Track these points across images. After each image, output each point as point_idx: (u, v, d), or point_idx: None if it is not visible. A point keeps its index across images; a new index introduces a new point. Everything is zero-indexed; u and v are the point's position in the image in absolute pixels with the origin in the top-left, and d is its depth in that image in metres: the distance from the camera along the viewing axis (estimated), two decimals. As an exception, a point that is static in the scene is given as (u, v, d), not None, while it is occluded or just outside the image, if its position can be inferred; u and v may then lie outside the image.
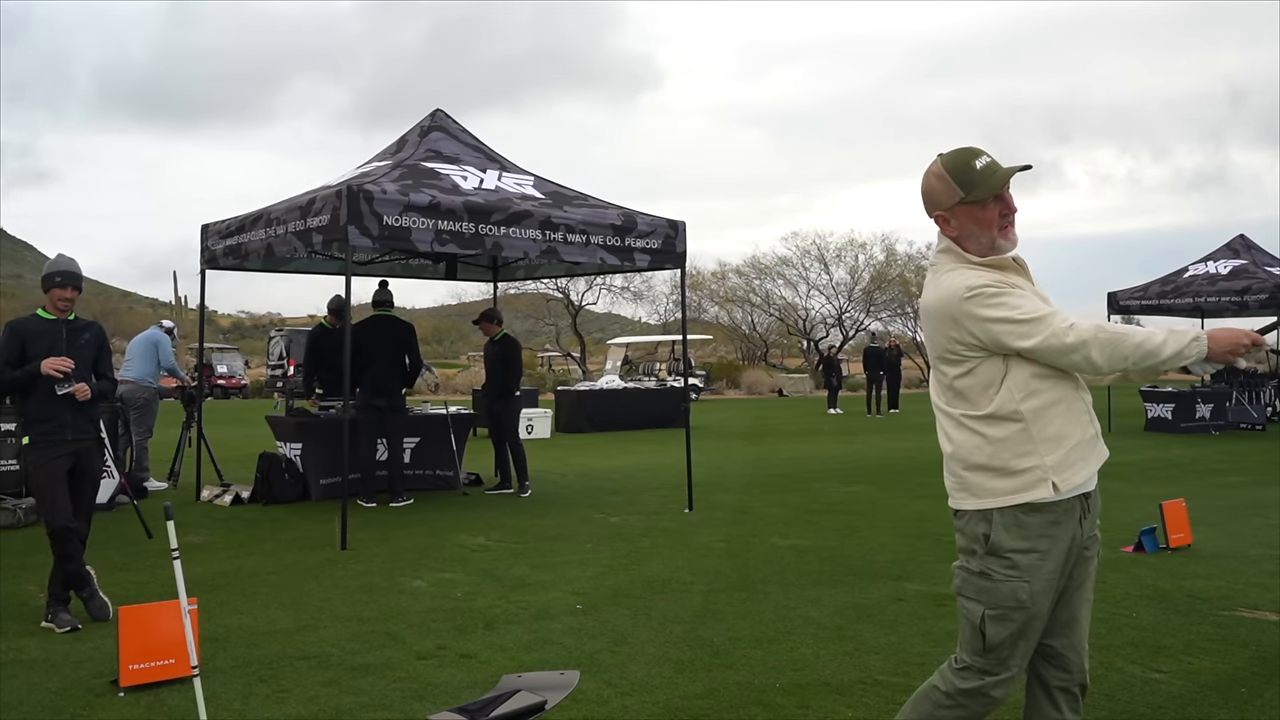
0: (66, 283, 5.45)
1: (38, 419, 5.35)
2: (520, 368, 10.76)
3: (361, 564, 6.93)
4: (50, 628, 5.25)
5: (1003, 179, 2.76)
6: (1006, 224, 2.82)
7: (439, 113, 9.97)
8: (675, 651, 4.85)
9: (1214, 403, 18.56)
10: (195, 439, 10.61)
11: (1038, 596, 2.71)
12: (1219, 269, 18.68)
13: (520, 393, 10.80)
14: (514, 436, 10.53)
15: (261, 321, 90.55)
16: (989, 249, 2.81)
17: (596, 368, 37.42)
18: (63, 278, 5.45)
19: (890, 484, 11.12)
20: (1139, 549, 7.16)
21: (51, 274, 5.47)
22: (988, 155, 2.79)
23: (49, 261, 5.60)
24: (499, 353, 10.56)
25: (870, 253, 50.99)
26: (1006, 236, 2.82)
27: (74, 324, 5.52)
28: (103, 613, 5.39)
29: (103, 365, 5.64)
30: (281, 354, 34.46)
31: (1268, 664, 4.66)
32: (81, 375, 5.39)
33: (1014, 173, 2.78)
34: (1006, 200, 2.80)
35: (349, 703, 4.19)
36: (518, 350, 10.76)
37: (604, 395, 21.21)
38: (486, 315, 10.71)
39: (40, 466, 5.34)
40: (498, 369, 10.52)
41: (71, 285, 5.47)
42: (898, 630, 5.24)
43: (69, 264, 5.53)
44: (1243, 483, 11.15)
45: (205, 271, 10.08)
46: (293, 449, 10.00)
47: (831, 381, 25.93)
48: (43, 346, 5.36)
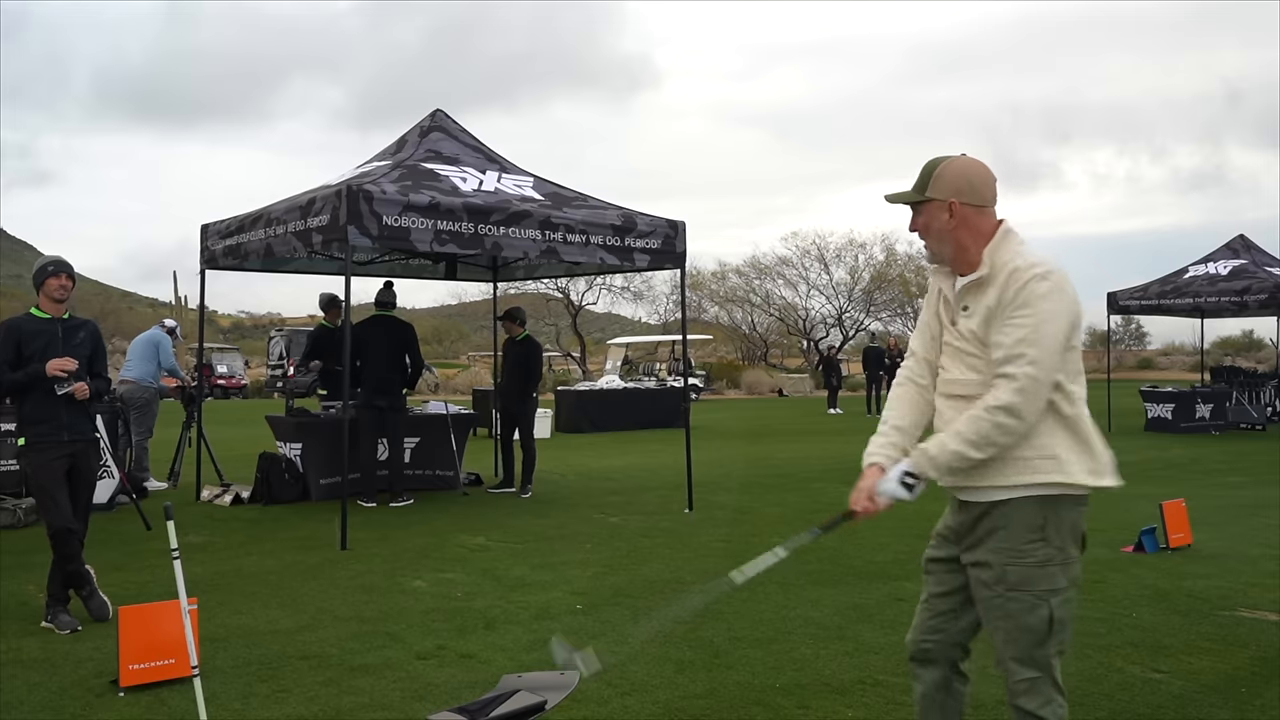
0: (61, 270, 5.42)
1: (35, 420, 5.33)
2: (539, 370, 10.76)
3: (361, 564, 6.93)
4: (50, 628, 5.25)
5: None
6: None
7: (439, 113, 9.97)
8: (675, 651, 4.85)
9: (1214, 403, 18.57)
10: (195, 439, 10.61)
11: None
12: (1219, 269, 18.66)
13: (536, 395, 10.82)
14: (529, 437, 10.56)
15: (261, 321, 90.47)
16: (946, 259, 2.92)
17: (596, 368, 37.41)
18: (56, 266, 5.42)
19: (890, 484, 11.09)
20: (1139, 549, 7.16)
21: (45, 265, 5.45)
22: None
23: (38, 260, 5.59)
24: (520, 353, 10.55)
25: (870, 253, 51.09)
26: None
27: (69, 322, 5.48)
28: (102, 612, 5.39)
29: (98, 364, 5.61)
30: (281, 354, 34.48)
31: (1268, 664, 4.66)
32: (78, 374, 5.37)
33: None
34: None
35: (349, 703, 4.19)
36: (538, 352, 10.75)
37: (604, 395, 21.21)
38: (510, 314, 10.70)
39: (39, 468, 5.31)
40: (518, 370, 10.53)
41: (66, 273, 5.43)
42: (898, 630, 5.23)
43: (59, 257, 5.52)
44: (1243, 483, 11.15)
45: (205, 271, 10.08)
46: (293, 449, 10.00)
47: (831, 381, 25.94)
48: (39, 346, 5.33)
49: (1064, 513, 2.74)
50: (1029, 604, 2.73)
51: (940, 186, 2.83)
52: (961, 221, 2.81)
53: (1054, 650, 2.76)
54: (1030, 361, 2.64)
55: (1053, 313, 2.66)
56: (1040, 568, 2.72)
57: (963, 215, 2.81)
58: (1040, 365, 2.64)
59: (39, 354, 5.30)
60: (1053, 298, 2.67)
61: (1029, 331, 2.66)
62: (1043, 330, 2.65)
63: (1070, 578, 2.76)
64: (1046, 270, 2.69)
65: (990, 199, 2.84)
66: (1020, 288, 2.69)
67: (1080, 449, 2.75)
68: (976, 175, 2.84)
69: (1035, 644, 2.74)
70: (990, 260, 2.78)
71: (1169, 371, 53.73)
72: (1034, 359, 2.64)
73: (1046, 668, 2.75)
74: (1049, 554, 2.73)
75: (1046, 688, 2.75)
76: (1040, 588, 2.72)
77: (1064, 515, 2.74)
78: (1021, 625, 2.74)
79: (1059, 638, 2.76)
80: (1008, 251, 2.77)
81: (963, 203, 2.81)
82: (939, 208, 2.83)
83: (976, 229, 2.82)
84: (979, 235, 2.82)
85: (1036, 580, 2.72)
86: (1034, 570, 2.72)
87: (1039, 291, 2.67)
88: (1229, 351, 52.42)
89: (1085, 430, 2.76)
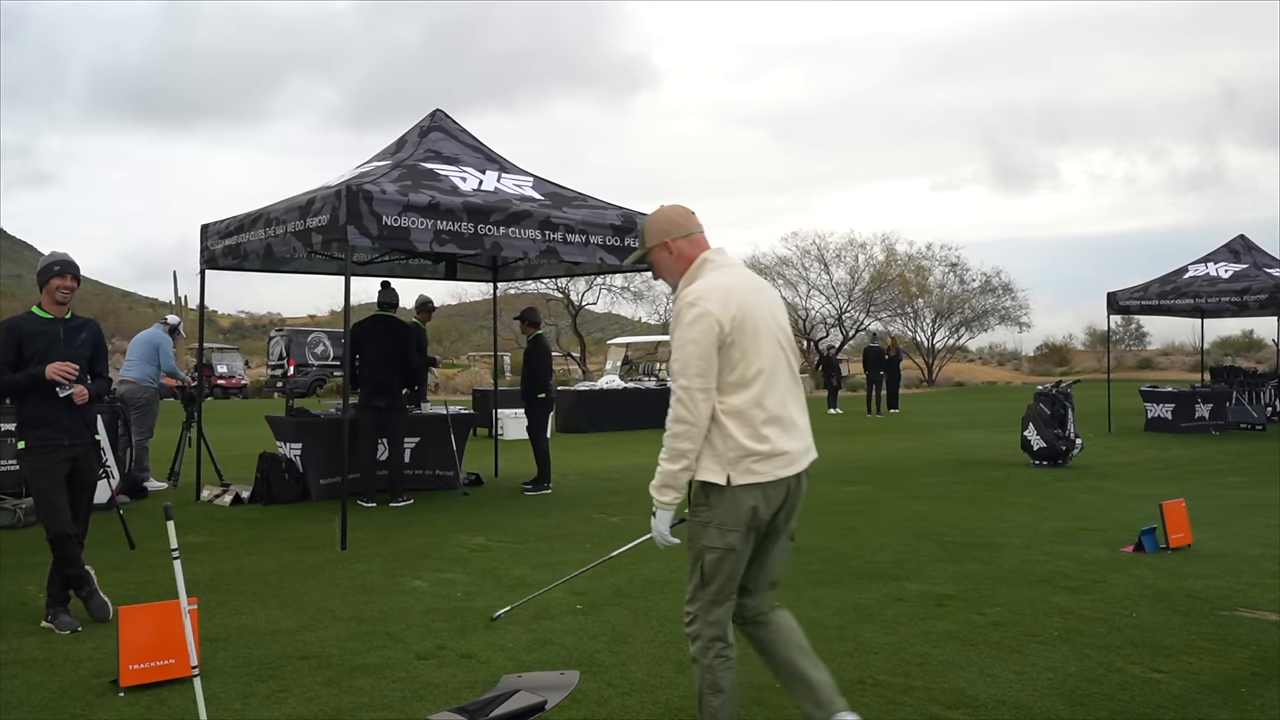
0: (66, 271, 5.33)
1: (35, 423, 5.26)
2: (541, 369, 10.77)
3: (361, 564, 6.93)
4: (50, 628, 5.24)
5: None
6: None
7: (439, 113, 9.97)
8: (675, 651, 4.85)
9: (1214, 403, 18.56)
10: (195, 439, 10.60)
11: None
12: (1219, 271, 18.65)
13: (544, 395, 10.84)
14: (534, 436, 10.67)
15: (261, 321, 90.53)
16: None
17: (596, 368, 37.38)
18: (62, 266, 5.33)
19: (890, 484, 11.12)
20: (1139, 549, 7.16)
21: (50, 264, 5.36)
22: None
23: (44, 257, 5.49)
24: (526, 354, 10.89)
25: (870, 253, 51.00)
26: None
27: (71, 322, 5.41)
28: (102, 613, 5.38)
29: (99, 364, 5.55)
30: (281, 354, 34.47)
31: (1268, 664, 4.66)
32: (79, 376, 5.30)
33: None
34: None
35: (349, 703, 4.19)
36: (539, 352, 10.82)
37: (604, 395, 21.20)
38: (521, 316, 11.07)
39: (39, 472, 5.25)
40: (524, 370, 10.82)
41: (71, 274, 5.35)
42: (898, 630, 5.24)
43: (66, 255, 5.43)
44: (1243, 483, 11.15)
45: (205, 271, 10.08)
46: (293, 449, 10.00)
47: (831, 381, 25.93)
48: (40, 347, 5.25)
49: (713, 495, 3.29)
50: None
51: (651, 235, 3.49)
52: (679, 254, 3.44)
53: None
54: (677, 375, 3.24)
55: (686, 339, 3.23)
56: (701, 528, 3.32)
57: (678, 248, 3.45)
58: (682, 380, 3.22)
59: (40, 355, 5.23)
60: (694, 324, 3.23)
61: (676, 352, 3.26)
62: (685, 352, 3.23)
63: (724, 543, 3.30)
64: (695, 299, 3.27)
65: (694, 227, 3.48)
66: (676, 314, 3.33)
67: (710, 450, 3.26)
68: (674, 213, 3.51)
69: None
70: (683, 284, 3.41)
71: (1169, 371, 53.75)
72: (677, 374, 3.24)
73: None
74: (707, 518, 3.31)
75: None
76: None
77: (719, 497, 3.28)
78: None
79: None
80: (692, 279, 3.39)
81: (673, 239, 3.45)
82: (659, 250, 3.47)
83: (688, 257, 3.44)
84: (688, 264, 3.43)
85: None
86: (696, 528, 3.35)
87: (683, 318, 3.27)
88: (1229, 351, 52.42)
89: (727, 431, 3.24)
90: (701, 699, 3.35)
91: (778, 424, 3.30)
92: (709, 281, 3.33)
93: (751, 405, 3.26)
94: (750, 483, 3.24)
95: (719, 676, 3.32)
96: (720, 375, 3.24)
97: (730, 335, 3.24)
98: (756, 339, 3.29)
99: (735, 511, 3.26)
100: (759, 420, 3.26)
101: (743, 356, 3.26)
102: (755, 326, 3.30)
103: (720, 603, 3.34)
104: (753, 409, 3.26)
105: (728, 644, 3.34)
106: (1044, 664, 4.66)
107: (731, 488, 3.24)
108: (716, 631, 3.33)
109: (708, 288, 3.30)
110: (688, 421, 3.20)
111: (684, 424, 3.20)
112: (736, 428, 3.24)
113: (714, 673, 3.32)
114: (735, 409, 3.25)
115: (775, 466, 3.28)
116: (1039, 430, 12.76)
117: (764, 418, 3.27)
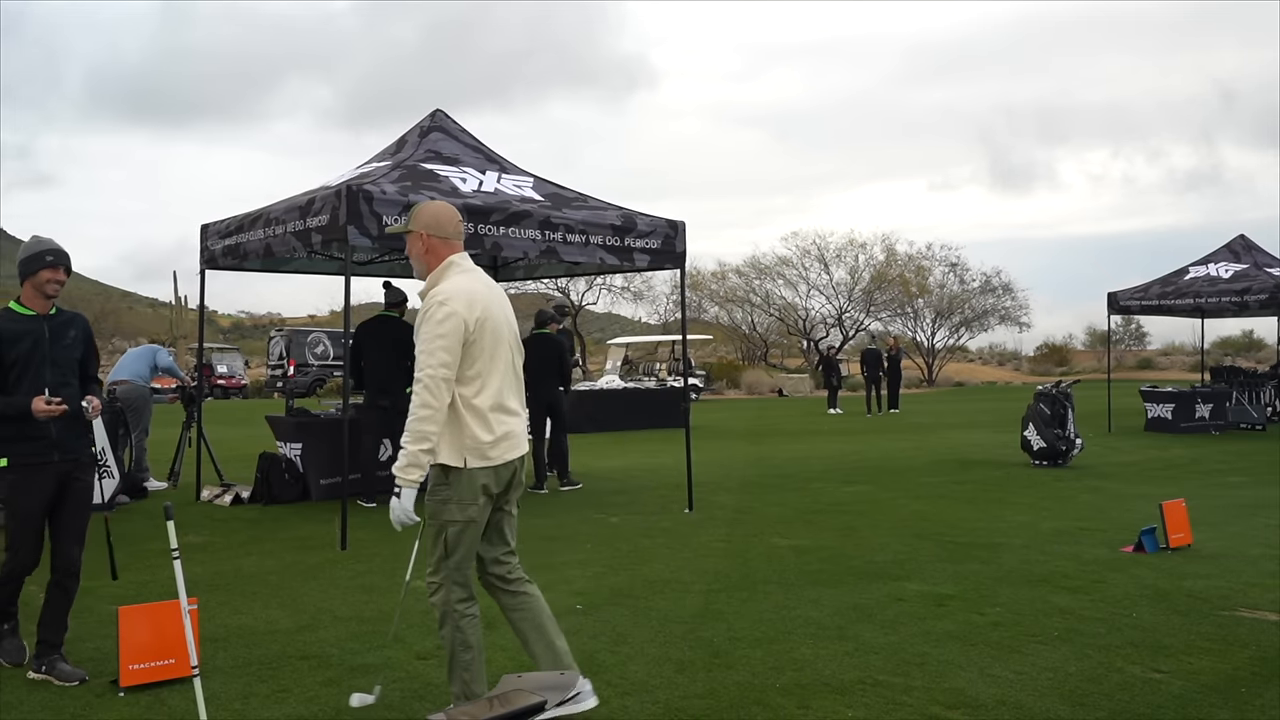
0: (59, 262, 4.58)
1: (18, 437, 4.51)
2: (548, 367, 10.75)
3: (361, 564, 6.93)
4: (47, 680, 4.53)
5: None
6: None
7: (439, 113, 9.97)
8: (675, 651, 4.85)
9: (1214, 403, 18.56)
10: (195, 439, 10.61)
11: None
12: (1220, 271, 18.65)
13: (564, 389, 11.13)
14: (566, 433, 11.02)
15: (261, 322, 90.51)
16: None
17: (596, 368, 37.39)
18: (55, 256, 4.57)
19: (890, 484, 11.12)
20: (1139, 549, 7.16)
21: (41, 253, 4.57)
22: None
23: (28, 243, 4.70)
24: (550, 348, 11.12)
25: (870, 253, 51.07)
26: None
27: (57, 319, 4.67)
28: (17, 657, 4.77)
29: (90, 366, 4.86)
30: (281, 354, 34.47)
31: (1268, 664, 4.66)
32: (67, 378, 4.64)
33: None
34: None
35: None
36: (536, 351, 10.62)
37: (604, 395, 21.20)
38: (555, 310, 11.44)
39: (20, 494, 4.53)
40: (557, 365, 11.01)
41: (64, 266, 4.60)
42: (898, 630, 5.24)
43: (55, 243, 4.65)
44: (1243, 483, 11.15)
45: (205, 271, 10.08)
46: (293, 449, 10.00)
47: (831, 381, 25.92)
48: (24, 349, 4.54)
49: (452, 475, 3.71)
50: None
51: (416, 221, 3.85)
52: (430, 249, 3.83)
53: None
54: (423, 365, 3.62)
55: (436, 334, 3.63)
56: (442, 505, 3.75)
57: (430, 244, 3.83)
58: (429, 370, 3.60)
59: (25, 359, 4.53)
60: (444, 322, 3.64)
61: (424, 344, 3.64)
62: (433, 344, 3.62)
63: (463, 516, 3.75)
64: (445, 299, 3.67)
65: (453, 234, 3.85)
66: (425, 311, 3.68)
67: (449, 437, 3.68)
68: (442, 214, 3.88)
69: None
70: (430, 282, 3.79)
71: (1169, 371, 53.74)
72: (424, 365, 3.62)
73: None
74: (447, 495, 3.73)
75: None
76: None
77: (456, 477, 3.71)
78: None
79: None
80: (438, 280, 3.77)
81: (430, 234, 3.82)
82: (416, 237, 3.84)
83: (438, 255, 3.83)
84: (437, 261, 3.82)
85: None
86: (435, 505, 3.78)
87: (434, 316, 3.65)
88: (1229, 351, 52.45)
89: (464, 421, 3.68)
90: (453, 657, 3.78)
91: (504, 412, 3.78)
92: (455, 284, 3.75)
93: (484, 397, 3.73)
94: (483, 466, 3.70)
95: (468, 634, 3.78)
96: (460, 368, 3.68)
97: (473, 334, 3.69)
98: (496, 340, 3.78)
99: (472, 488, 3.70)
100: (490, 410, 3.73)
101: (481, 353, 3.72)
102: (495, 329, 3.78)
103: (462, 569, 3.79)
104: (485, 400, 3.72)
105: (472, 601, 3.80)
106: (1044, 664, 4.66)
107: (468, 469, 3.69)
108: (462, 594, 3.78)
109: (454, 290, 3.72)
110: (432, 406, 3.60)
111: (429, 409, 3.59)
112: (472, 418, 3.69)
113: (463, 631, 3.77)
114: (470, 401, 3.70)
115: (504, 450, 3.76)
116: (1039, 430, 12.76)
117: (494, 407, 3.74)
